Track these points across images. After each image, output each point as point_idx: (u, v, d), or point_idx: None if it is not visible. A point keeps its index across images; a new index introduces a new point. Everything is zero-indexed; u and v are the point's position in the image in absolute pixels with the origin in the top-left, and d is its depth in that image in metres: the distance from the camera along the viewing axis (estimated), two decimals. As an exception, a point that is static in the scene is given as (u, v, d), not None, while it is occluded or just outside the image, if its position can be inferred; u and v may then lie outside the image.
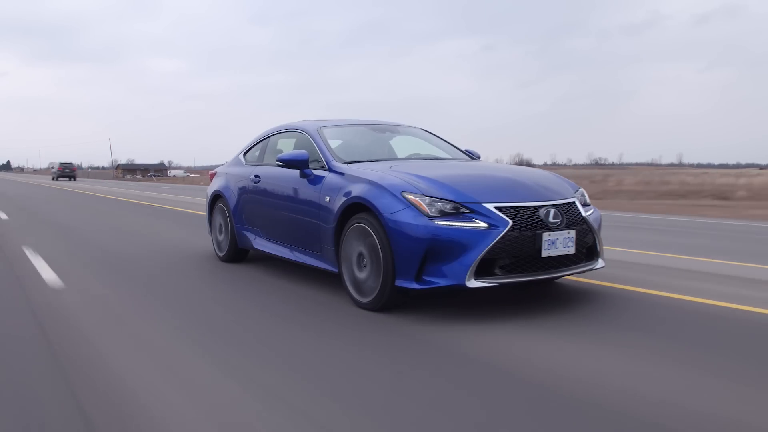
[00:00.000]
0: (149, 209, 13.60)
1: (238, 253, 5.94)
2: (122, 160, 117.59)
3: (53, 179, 49.70)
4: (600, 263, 4.21)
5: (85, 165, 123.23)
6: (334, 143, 5.05)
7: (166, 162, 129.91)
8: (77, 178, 53.15)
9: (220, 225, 6.15)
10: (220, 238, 6.15)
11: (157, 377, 2.74)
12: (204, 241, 7.15)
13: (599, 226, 4.28)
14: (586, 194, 4.45)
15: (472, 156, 5.54)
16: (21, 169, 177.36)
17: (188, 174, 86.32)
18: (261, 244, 5.47)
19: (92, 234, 8.56)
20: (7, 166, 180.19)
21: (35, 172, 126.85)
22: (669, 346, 3.18)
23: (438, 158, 5.25)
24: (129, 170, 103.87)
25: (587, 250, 4.10)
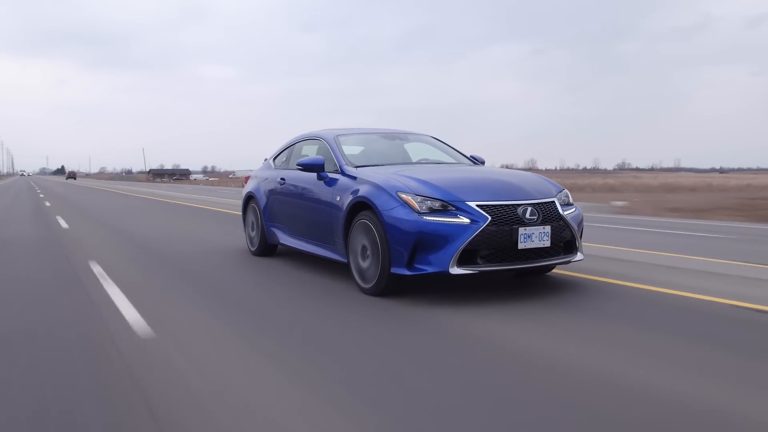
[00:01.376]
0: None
1: (267, 249, 6.64)
2: (168, 165, 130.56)
3: (66, 179, 77.99)
4: (578, 256, 4.71)
5: (133, 169, 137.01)
6: (351, 149, 5.71)
7: (209, 167, 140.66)
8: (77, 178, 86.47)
9: (252, 223, 6.87)
10: (252, 234, 6.87)
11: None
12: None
13: (579, 223, 4.78)
14: (569, 195, 4.95)
15: (475, 161, 6.09)
16: (74, 176, 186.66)
17: (207, 178, 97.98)
18: (286, 240, 6.16)
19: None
20: (61, 171, 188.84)
21: (87, 176, 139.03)
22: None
23: (442, 163, 5.84)
24: (158, 174, 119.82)
25: (565, 244, 4.61)
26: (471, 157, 6.19)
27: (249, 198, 7.01)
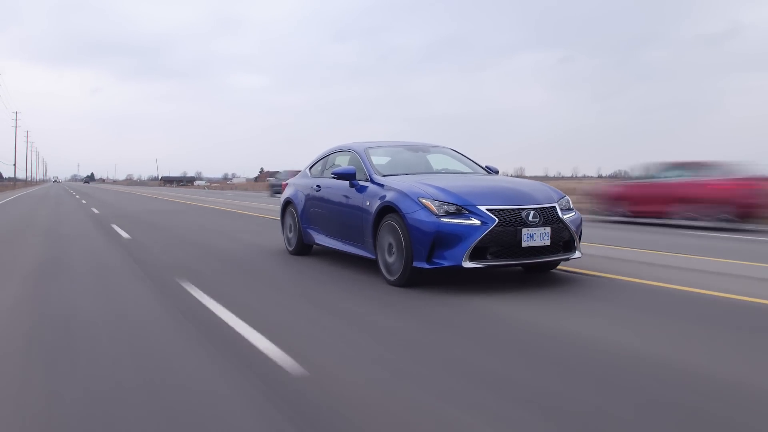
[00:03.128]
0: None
1: (303, 248, 7.45)
2: (191, 173, 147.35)
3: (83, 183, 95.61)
4: (576, 254, 5.42)
5: (157, 176, 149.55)
6: (379, 160, 6.50)
7: (230, 174, 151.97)
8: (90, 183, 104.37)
9: (290, 225, 7.70)
10: (290, 235, 7.70)
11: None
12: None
13: (578, 226, 5.49)
14: (570, 201, 5.67)
15: (489, 170, 6.83)
16: (103, 180, 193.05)
17: (209, 184, 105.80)
18: (321, 240, 6.96)
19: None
20: (91, 177, 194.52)
21: (115, 182, 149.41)
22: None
23: (460, 172, 6.59)
24: (168, 181, 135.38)
25: (564, 243, 5.32)
26: (486, 167, 6.93)
27: (287, 203, 7.83)
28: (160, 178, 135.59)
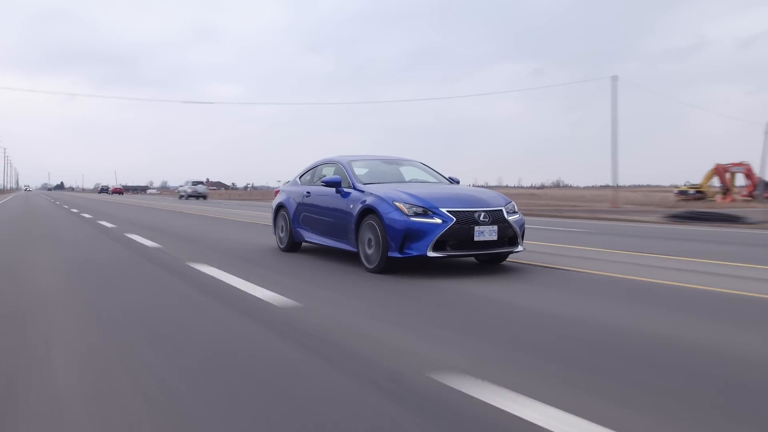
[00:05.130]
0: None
1: (293, 245, 8.67)
2: (157, 181, 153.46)
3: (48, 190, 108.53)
4: (519, 248, 6.75)
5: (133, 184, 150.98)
6: (361, 171, 7.78)
7: (230, 182, 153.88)
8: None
9: (282, 226, 8.91)
10: (282, 235, 8.91)
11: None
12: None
13: (521, 226, 6.82)
14: (515, 206, 7.01)
15: (452, 180, 8.15)
16: (72, 189, 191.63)
17: (159, 192, 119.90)
18: (310, 237, 8.20)
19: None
20: (60, 187, 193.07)
21: (83, 191, 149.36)
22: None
23: (427, 182, 7.90)
24: (126, 189, 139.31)
25: (509, 239, 6.65)
26: (449, 177, 8.25)
27: (279, 207, 9.05)
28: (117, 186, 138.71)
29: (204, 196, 51.30)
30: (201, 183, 53.96)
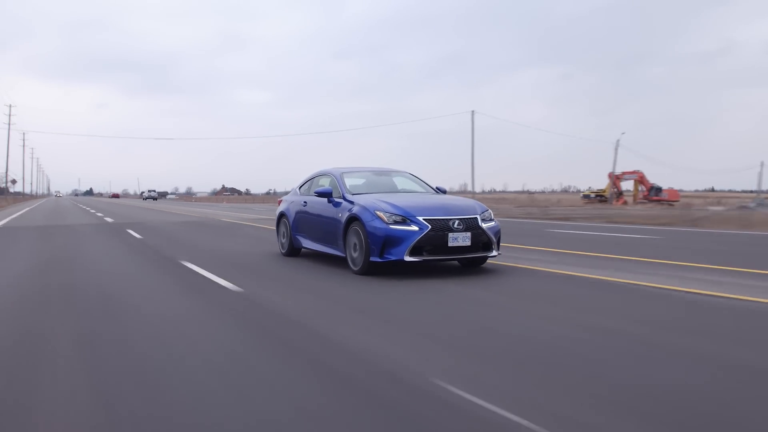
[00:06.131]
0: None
1: (294, 251, 9.34)
2: (182, 188, 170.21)
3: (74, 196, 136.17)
4: (493, 253, 7.31)
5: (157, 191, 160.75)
6: (358, 182, 8.43)
7: (244, 189, 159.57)
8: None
9: (283, 233, 9.60)
10: (283, 241, 9.59)
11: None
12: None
13: (496, 233, 7.37)
14: (491, 214, 7.57)
15: (438, 190, 8.73)
16: (101, 195, 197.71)
17: (177, 197, 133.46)
18: (307, 244, 8.86)
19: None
20: (90, 192, 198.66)
21: (111, 196, 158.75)
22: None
23: (414, 191, 8.49)
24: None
25: (483, 244, 7.21)
26: (436, 187, 8.84)
27: (281, 215, 9.74)
28: (141, 193, 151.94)
29: (155, 198, 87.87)
30: (154, 191, 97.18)
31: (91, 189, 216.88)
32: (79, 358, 3.74)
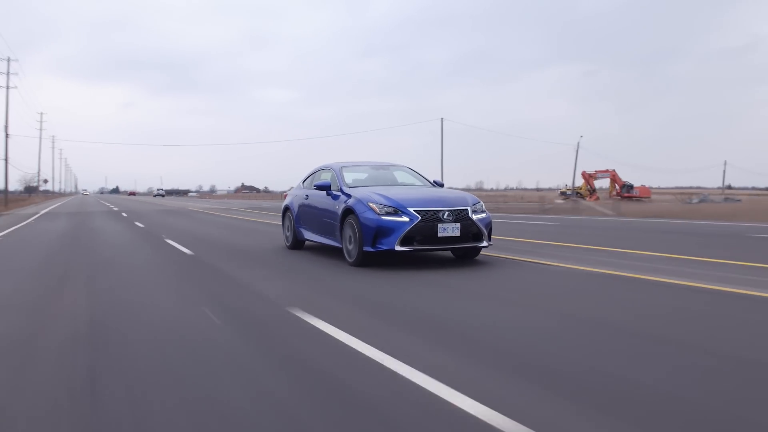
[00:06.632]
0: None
1: (297, 243, 9.67)
2: (206, 185, 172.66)
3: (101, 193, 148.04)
4: (484, 243, 7.53)
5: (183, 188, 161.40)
6: (360, 176, 8.74)
7: (269, 186, 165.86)
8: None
9: (288, 226, 9.93)
10: (288, 234, 9.93)
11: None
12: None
13: (487, 224, 7.59)
14: (483, 206, 7.79)
15: (435, 183, 8.97)
16: (133, 194, 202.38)
17: (198, 194, 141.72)
18: (309, 236, 9.18)
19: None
20: (116, 191, 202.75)
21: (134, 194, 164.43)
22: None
23: (411, 185, 8.75)
24: (168, 193, 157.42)
25: (473, 235, 7.43)
26: (434, 181, 9.08)
27: (286, 208, 10.09)
28: (157, 189, 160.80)
29: (163, 195, 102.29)
30: (162, 189, 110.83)
31: (117, 187, 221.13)
32: (88, 263, 6.96)
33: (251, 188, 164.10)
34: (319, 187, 8.55)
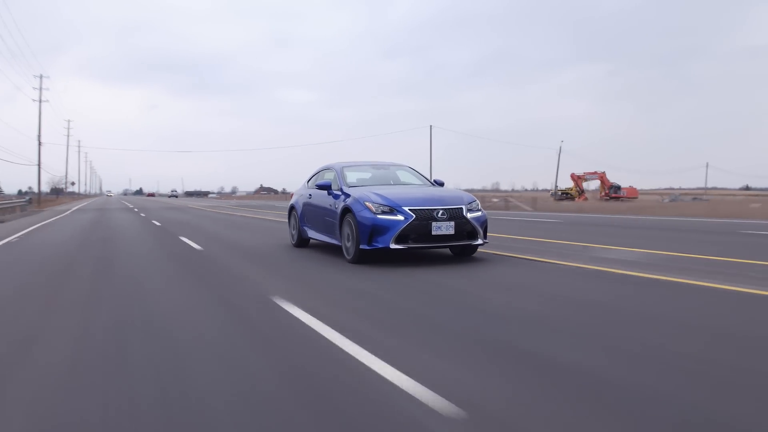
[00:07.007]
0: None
1: (302, 242, 9.92)
2: (227, 187, 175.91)
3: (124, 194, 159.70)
4: (478, 241, 7.69)
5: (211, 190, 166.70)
6: (364, 175, 8.96)
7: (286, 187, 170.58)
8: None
9: (293, 224, 10.18)
10: (293, 232, 10.18)
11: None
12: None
13: (482, 222, 7.74)
14: (479, 204, 7.94)
15: (435, 183, 9.13)
16: (152, 195, 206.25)
17: (218, 195, 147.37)
18: (312, 234, 9.42)
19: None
20: (139, 192, 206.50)
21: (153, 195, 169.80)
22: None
23: (411, 184, 8.93)
24: (189, 194, 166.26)
25: (468, 233, 7.59)
26: (434, 180, 9.25)
27: (291, 208, 10.34)
28: (186, 192, 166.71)
29: (176, 197, 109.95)
30: (175, 190, 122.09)
31: (140, 189, 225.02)
32: (103, 239, 10.82)
33: (269, 189, 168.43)
34: (321, 187, 8.78)
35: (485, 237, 7.86)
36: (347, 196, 8.15)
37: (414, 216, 7.31)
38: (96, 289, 6.06)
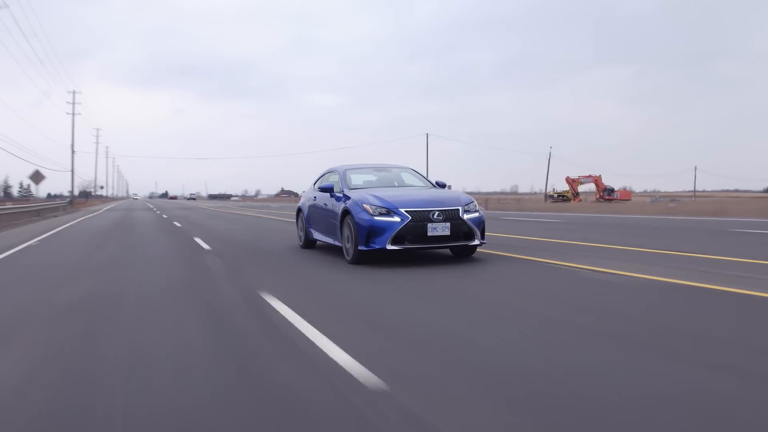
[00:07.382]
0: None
1: (309, 243, 10.17)
2: (251, 190, 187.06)
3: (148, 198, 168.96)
4: (475, 242, 7.83)
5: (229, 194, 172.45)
6: (358, 177, 9.16)
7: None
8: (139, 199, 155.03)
9: (300, 226, 10.45)
10: (300, 234, 10.44)
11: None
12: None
13: (479, 223, 7.88)
14: (476, 205, 8.09)
15: (437, 184, 9.30)
16: (174, 198, 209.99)
17: (240, 198, 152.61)
18: (317, 236, 9.67)
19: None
20: (165, 195, 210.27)
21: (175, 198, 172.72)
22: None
23: (412, 185, 9.11)
24: (213, 197, 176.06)
25: (464, 234, 7.74)
26: (436, 182, 9.42)
27: (299, 210, 10.61)
28: (208, 195, 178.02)
29: (194, 199, 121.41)
30: (193, 194, 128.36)
31: (166, 192, 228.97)
32: (125, 227, 18.31)
33: (290, 193, 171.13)
34: (324, 189, 9.03)
35: (483, 237, 8.00)
36: (348, 198, 8.37)
37: (410, 217, 7.49)
38: (126, 237, 13.76)
